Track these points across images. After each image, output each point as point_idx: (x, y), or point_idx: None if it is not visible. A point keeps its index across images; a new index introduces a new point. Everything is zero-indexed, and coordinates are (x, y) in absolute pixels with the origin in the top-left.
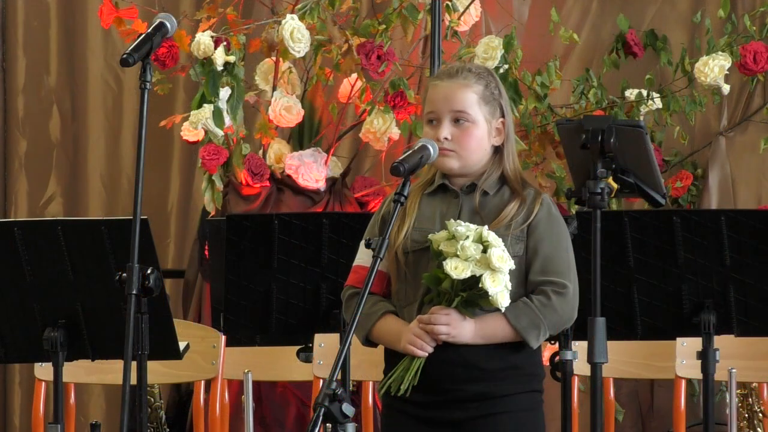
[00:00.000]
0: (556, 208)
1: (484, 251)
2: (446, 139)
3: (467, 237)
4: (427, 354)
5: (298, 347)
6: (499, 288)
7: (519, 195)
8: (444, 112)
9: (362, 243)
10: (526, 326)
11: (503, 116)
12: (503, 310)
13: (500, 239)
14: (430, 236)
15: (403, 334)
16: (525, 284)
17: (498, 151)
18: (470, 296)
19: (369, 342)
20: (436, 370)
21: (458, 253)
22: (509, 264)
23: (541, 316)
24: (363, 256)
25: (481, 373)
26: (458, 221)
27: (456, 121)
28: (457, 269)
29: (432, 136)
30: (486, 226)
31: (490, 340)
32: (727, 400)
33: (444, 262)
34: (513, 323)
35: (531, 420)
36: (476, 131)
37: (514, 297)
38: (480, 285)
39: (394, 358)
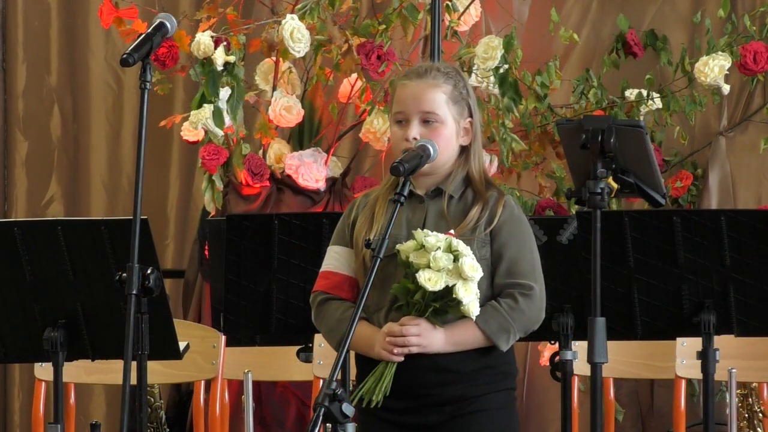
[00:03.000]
0: (519, 209)
1: (455, 260)
2: (415, 139)
3: (438, 248)
4: (401, 359)
5: (298, 347)
6: (471, 297)
7: (482, 198)
8: (413, 112)
9: (330, 248)
10: (496, 330)
11: (471, 116)
12: (474, 318)
13: (468, 247)
14: (398, 246)
15: (377, 340)
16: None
17: (465, 151)
18: (442, 306)
19: None
20: (409, 375)
21: (431, 264)
22: (479, 273)
23: (510, 319)
24: (332, 262)
25: (455, 375)
26: (425, 231)
27: (425, 121)
28: (431, 281)
29: (401, 137)
30: (450, 235)
31: (461, 347)
32: (727, 400)
33: (417, 275)
34: (483, 328)
35: (505, 417)
36: (445, 131)
37: (483, 300)
38: (453, 295)
39: (366, 364)
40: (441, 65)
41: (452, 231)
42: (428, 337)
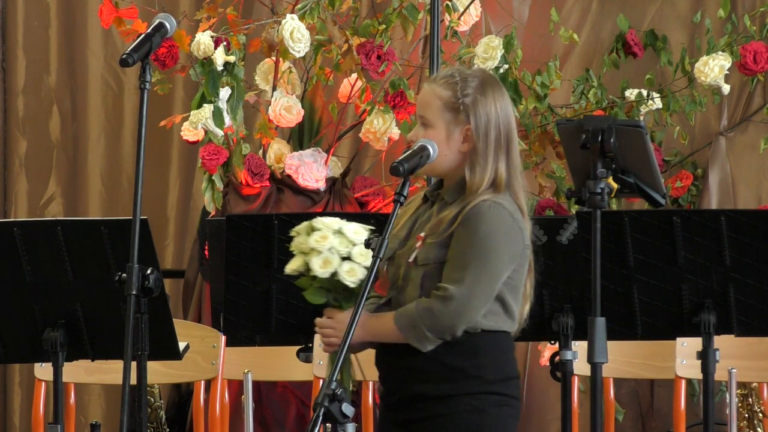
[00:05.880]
0: (494, 215)
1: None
2: (412, 140)
3: (298, 233)
4: (331, 350)
5: (298, 347)
6: (356, 279)
7: (463, 202)
8: (416, 114)
9: None
10: (404, 326)
11: (469, 123)
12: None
13: (349, 225)
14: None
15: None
16: None
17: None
18: (334, 288)
19: None
20: (390, 370)
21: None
22: (329, 269)
23: (419, 318)
24: None
25: (421, 374)
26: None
27: (422, 124)
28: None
29: None
30: (419, 239)
31: (379, 338)
32: (727, 400)
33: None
34: (395, 323)
35: (477, 422)
36: (435, 135)
37: None
38: (336, 278)
39: (378, 358)
40: (458, 71)
41: (422, 234)
42: (342, 325)
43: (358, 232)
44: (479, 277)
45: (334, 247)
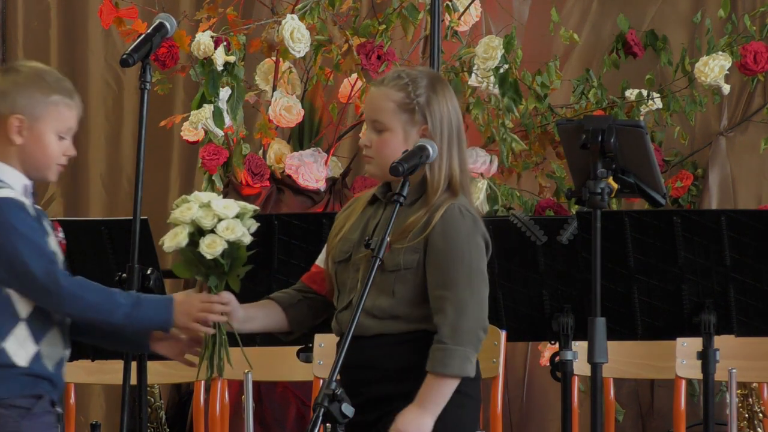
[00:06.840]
0: (464, 218)
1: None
2: (366, 146)
3: (177, 206)
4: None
5: (298, 347)
6: (219, 249)
7: (427, 204)
8: (367, 119)
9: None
10: (460, 365)
11: (426, 123)
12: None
13: (221, 200)
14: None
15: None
16: (422, 298)
17: None
18: (200, 262)
19: None
20: (351, 373)
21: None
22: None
23: (459, 346)
24: (321, 256)
25: (384, 373)
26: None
27: (375, 128)
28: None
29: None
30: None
31: (441, 403)
32: (727, 400)
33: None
34: (447, 373)
35: (440, 418)
36: (391, 139)
37: (408, 312)
38: (197, 248)
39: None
40: (405, 72)
41: (388, 238)
42: (411, 424)
43: (229, 207)
44: (477, 279)
45: (198, 219)
